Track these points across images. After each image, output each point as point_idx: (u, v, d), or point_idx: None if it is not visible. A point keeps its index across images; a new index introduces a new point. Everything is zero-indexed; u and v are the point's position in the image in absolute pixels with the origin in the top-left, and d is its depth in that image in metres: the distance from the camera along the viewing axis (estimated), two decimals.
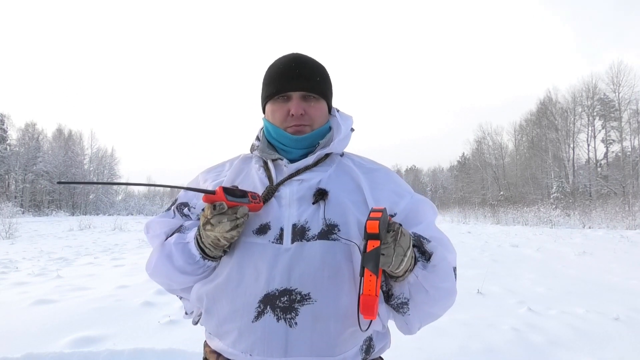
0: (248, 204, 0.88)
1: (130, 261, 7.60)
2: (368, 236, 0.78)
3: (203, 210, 0.89)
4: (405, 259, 0.82)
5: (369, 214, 0.80)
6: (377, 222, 0.77)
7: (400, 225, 0.83)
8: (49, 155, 51.84)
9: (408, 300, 0.91)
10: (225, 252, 0.93)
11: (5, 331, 3.24)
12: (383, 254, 0.78)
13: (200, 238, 0.91)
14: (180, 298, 1.07)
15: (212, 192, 0.84)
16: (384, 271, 0.89)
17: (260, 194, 0.95)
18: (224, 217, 0.84)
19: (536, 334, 3.37)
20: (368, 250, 0.78)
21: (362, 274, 0.79)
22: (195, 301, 0.99)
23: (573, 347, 3.09)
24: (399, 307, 0.92)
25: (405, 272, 0.87)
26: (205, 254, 0.92)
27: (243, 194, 0.88)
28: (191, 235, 0.95)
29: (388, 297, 0.93)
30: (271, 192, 0.96)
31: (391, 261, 0.79)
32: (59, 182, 0.81)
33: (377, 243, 0.77)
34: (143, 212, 53.69)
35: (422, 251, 0.91)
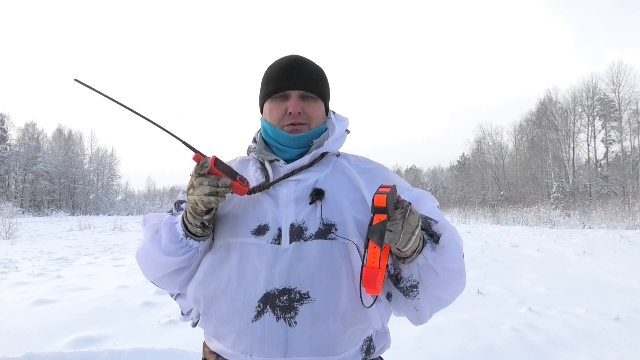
0: (233, 180, 0.89)
1: (130, 261, 7.60)
2: (375, 210, 0.77)
3: (191, 175, 0.91)
4: (414, 238, 0.80)
5: (377, 189, 0.79)
6: (385, 196, 0.76)
7: (410, 203, 0.82)
8: (49, 155, 51.84)
9: (417, 283, 0.89)
10: (204, 225, 0.92)
11: (5, 331, 3.24)
12: (390, 230, 0.77)
13: (186, 213, 0.92)
14: (176, 298, 1.06)
15: (205, 156, 0.86)
16: (391, 253, 0.88)
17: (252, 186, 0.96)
18: (205, 180, 0.85)
19: (536, 334, 3.37)
20: (374, 223, 0.77)
21: (366, 246, 0.78)
22: (192, 303, 0.98)
23: (573, 347, 3.09)
24: (409, 290, 0.90)
25: (413, 252, 0.86)
26: (188, 231, 0.93)
27: (233, 172, 0.90)
28: (180, 216, 0.96)
29: (397, 280, 0.92)
30: (263, 187, 0.96)
31: (399, 238, 0.78)
32: (76, 80, 0.81)
33: (383, 217, 0.76)
34: (143, 212, 53.65)
35: (430, 233, 0.90)
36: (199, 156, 0.86)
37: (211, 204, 0.87)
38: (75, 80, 0.79)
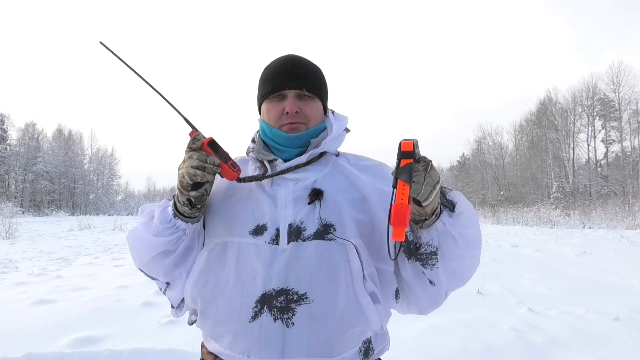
0: (224, 163, 0.90)
1: (130, 261, 7.59)
2: (402, 155, 0.79)
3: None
4: (435, 192, 0.82)
5: (400, 142, 0.80)
6: (412, 142, 0.79)
7: (431, 160, 0.83)
8: (49, 155, 51.85)
9: (437, 249, 0.90)
10: (191, 203, 0.91)
11: (5, 331, 3.24)
12: (414, 182, 0.79)
13: (176, 190, 0.93)
14: (165, 291, 1.04)
15: (201, 134, 0.89)
16: (410, 218, 0.89)
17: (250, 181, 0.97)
18: (195, 154, 0.87)
19: (536, 334, 3.37)
20: (402, 165, 0.78)
21: (394, 185, 0.79)
22: (190, 302, 0.98)
23: (573, 347, 3.09)
24: (428, 258, 0.91)
25: (433, 213, 0.87)
26: (177, 210, 0.93)
27: (226, 156, 0.91)
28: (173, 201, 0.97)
29: (417, 248, 0.92)
30: (255, 178, 0.97)
31: (421, 188, 0.79)
32: (101, 42, 0.90)
33: (410, 160, 0.78)
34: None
35: (444, 203, 0.92)
36: (194, 132, 0.89)
37: (197, 177, 0.87)
38: (100, 42, 0.84)
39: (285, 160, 1.01)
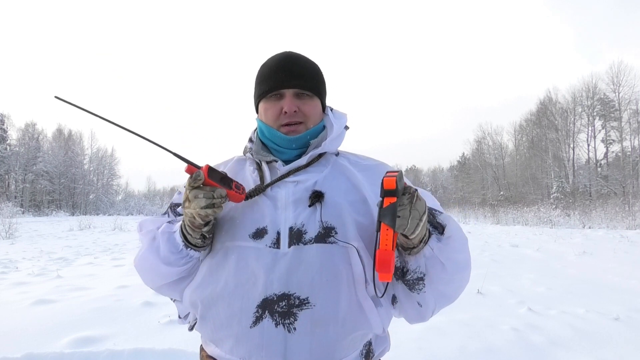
0: (229, 190, 0.86)
1: (130, 261, 7.59)
2: (385, 193, 0.76)
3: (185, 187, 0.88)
4: (421, 224, 0.79)
5: (385, 173, 0.78)
6: (394, 178, 0.76)
7: (417, 189, 0.81)
8: (49, 155, 51.82)
9: (424, 275, 0.88)
10: (204, 237, 0.91)
11: (5, 331, 3.24)
12: (399, 216, 0.76)
13: (184, 224, 0.90)
14: (174, 301, 1.05)
15: (197, 166, 0.83)
16: (397, 247, 0.87)
17: (247, 191, 0.94)
18: (200, 193, 0.82)
19: (536, 334, 3.37)
20: (385, 206, 0.75)
21: (378, 229, 0.76)
22: (190, 307, 0.97)
23: (573, 347, 3.09)
24: (415, 283, 0.89)
25: (420, 241, 0.85)
26: (187, 242, 0.91)
27: (228, 180, 0.87)
28: (178, 225, 0.94)
29: (403, 273, 0.90)
30: (258, 190, 0.95)
31: (407, 223, 0.76)
32: (56, 97, 0.77)
33: (393, 199, 0.75)
34: (143, 212, 53.62)
35: (434, 225, 0.89)
36: (191, 167, 0.82)
37: (209, 217, 0.85)
38: (56, 97, 0.77)
39: (285, 161, 1.00)
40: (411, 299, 0.92)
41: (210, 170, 0.84)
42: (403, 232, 0.78)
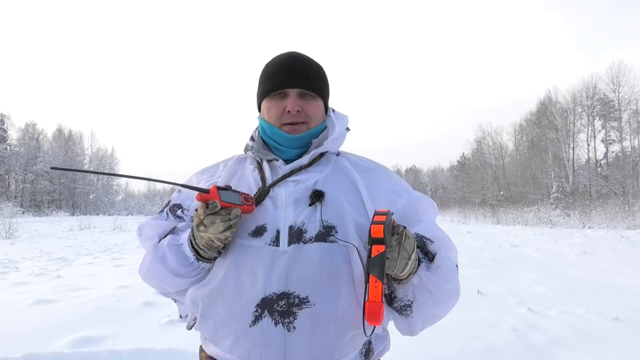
0: (241, 206, 0.86)
1: (130, 261, 7.61)
2: (372, 241, 0.76)
3: (196, 210, 0.88)
4: (410, 262, 0.80)
5: (373, 217, 0.77)
6: (382, 226, 0.75)
7: (405, 227, 0.81)
8: (49, 155, 51.81)
9: (412, 302, 0.89)
10: (219, 252, 0.92)
11: (5, 331, 3.24)
12: (387, 258, 0.77)
13: (194, 239, 0.90)
14: (175, 301, 1.05)
15: (206, 191, 0.82)
16: (387, 274, 0.88)
17: (252, 196, 0.94)
18: (217, 218, 0.83)
19: (536, 334, 3.37)
20: (373, 255, 0.75)
21: (367, 280, 0.77)
22: (190, 305, 0.97)
23: (573, 347, 3.09)
24: (402, 309, 0.91)
25: (409, 275, 0.86)
26: (199, 255, 0.91)
27: (236, 194, 0.87)
28: (184, 236, 0.93)
29: (391, 299, 0.92)
30: (264, 193, 0.94)
31: (395, 265, 0.78)
32: (52, 168, 0.79)
33: (382, 248, 0.75)
34: (143, 212, 53.65)
35: (425, 252, 0.89)
36: (203, 195, 0.82)
37: (228, 239, 0.86)
38: (52, 167, 0.79)
39: (285, 160, 1.00)
40: (400, 319, 0.94)
41: (220, 191, 0.83)
42: (391, 273, 0.80)
